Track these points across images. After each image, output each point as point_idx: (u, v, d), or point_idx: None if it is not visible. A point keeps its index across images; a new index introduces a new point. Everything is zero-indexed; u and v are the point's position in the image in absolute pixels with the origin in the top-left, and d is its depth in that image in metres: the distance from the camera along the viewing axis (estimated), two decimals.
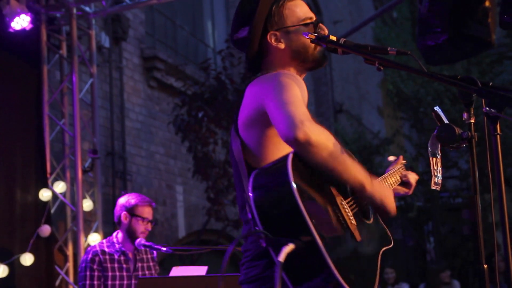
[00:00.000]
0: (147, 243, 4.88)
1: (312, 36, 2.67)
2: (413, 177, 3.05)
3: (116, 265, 5.15)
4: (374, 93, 20.05)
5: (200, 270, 4.88)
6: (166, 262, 9.09)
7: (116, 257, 5.16)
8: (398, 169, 3.05)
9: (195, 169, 9.16)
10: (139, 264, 5.25)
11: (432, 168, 2.81)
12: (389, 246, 2.75)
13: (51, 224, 7.08)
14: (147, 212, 5.23)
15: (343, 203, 2.51)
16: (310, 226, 2.27)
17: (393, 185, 2.95)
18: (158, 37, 11.11)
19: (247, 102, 2.68)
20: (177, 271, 4.85)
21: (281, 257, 2.26)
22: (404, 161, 3.15)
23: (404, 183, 3.03)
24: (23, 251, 6.75)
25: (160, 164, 10.23)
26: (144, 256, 5.32)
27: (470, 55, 6.17)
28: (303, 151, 2.38)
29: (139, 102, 9.94)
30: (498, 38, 6.02)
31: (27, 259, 6.73)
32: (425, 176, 6.05)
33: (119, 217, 5.25)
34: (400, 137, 16.99)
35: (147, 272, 5.29)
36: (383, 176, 2.92)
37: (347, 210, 2.51)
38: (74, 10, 7.60)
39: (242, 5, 2.88)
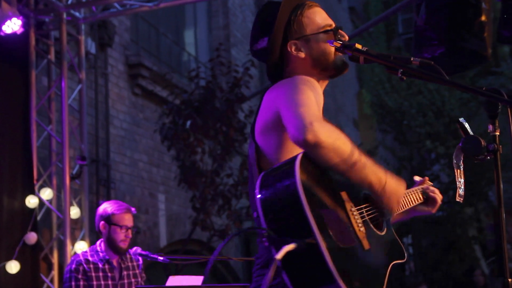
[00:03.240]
0: (143, 252, 4.80)
1: (338, 44, 2.65)
2: (439, 196, 3.03)
3: (100, 274, 5.09)
4: (350, 105, 20.14)
5: (196, 280, 4.84)
6: (148, 271, 8.98)
7: (100, 266, 5.10)
8: (422, 187, 3.03)
9: (181, 178, 9.08)
10: (125, 272, 5.19)
11: (456, 180, 2.79)
12: (402, 261, 2.71)
13: (37, 231, 6.96)
14: (125, 219, 5.16)
15: (352, 209, 2.47)
16: (313, 228, 2.23)
17: (414, 202, 2.94)
18: (142, 45, 11.03)
19: (264, 107, 2.67)
20: (173, 280, 4.81)
21: (279, 255, 2.22)
22: (430, 182, 3.12)
23: (430, 200, 3.01)
24: (9, 259, 6.62)
25: (143, 172, 10.15)
26: (130, 264, 5.25)
27: (466, 68, 6.22)
28: (312, 152, 2.36)
29: (123, 109, 9.85)
30: None
31: (12, 266, 6.60)
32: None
33: (99, 227, 5.20)
34: (379, 149, 17.03)
35: (133, 280, 5.23)
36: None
37: (356, 217, 2.47)
38: (64, 15, 7.47)
39: (261, 15, 2.86)
